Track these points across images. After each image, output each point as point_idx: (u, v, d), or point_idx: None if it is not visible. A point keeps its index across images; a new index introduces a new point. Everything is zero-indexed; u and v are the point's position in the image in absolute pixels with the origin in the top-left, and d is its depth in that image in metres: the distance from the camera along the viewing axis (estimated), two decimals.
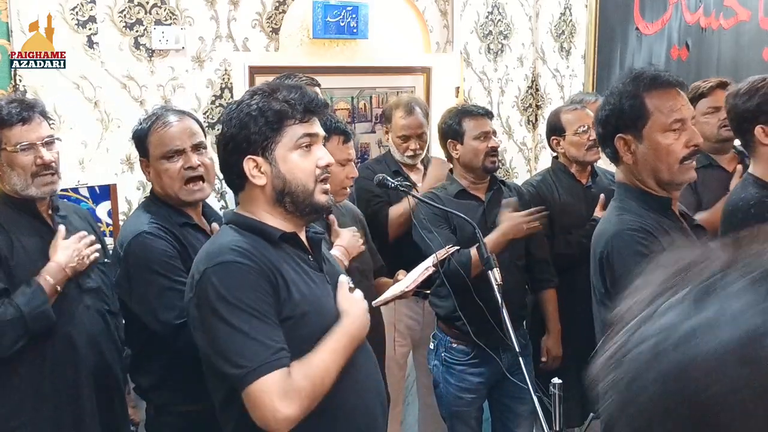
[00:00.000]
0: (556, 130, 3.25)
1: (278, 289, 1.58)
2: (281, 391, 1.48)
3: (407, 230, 3.07)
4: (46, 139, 2.23)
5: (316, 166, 1.67)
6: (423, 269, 2.38)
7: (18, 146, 2.17)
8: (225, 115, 1.73)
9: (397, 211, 3.19)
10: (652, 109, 1.83)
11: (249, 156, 1.64)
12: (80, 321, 2.24)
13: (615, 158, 1.94)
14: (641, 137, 1.85)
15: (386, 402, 1.85)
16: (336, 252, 2.31)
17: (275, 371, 1.49)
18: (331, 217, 2.46)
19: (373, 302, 2.41)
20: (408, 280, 2.40)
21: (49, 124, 2.31)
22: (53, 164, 2.22)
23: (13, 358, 2.12)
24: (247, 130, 1.63)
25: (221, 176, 2.01)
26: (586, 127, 3.15)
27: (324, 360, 1.57)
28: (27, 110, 2.20)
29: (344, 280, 1.77)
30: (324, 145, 2.41)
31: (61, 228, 2.24)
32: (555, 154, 3.34)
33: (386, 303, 2.41)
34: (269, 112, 1.63)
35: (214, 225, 2.24)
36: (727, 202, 2.30)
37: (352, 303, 1.72)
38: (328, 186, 1.71)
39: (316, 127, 1.70)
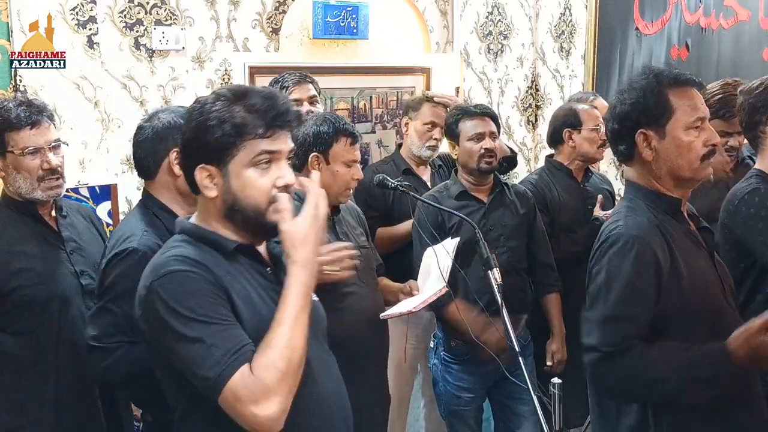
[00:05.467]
0: (571, 123, 3.23)
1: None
2: (250, 395, 1.38)
3: (392, 250, 3.06)
4: (53, 144, 2.23)
5: (274, 185, 1.51)
6: (437, 289, 2.38)
7: (25, 150, 2.17)
8: (186, 113, 1.60)
9: (385, 232, 3.15)
10: (676, 106, 1.84)
11: (202, 165, 1.51)
12: (85, 324, 2.20)
13: (628, 155, 1.92)
14: (664, 133, 1.85)
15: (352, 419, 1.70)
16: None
17: (236, 373, 1.39)
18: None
19: (381, 315, 2.42)
20: (418, 300, 2.40)
21: (56, 127, 2.31)
22: (59, 168, 2.22)
23: (17, 359, 2.11)
24: (203, 138, 1.49)
25: None
26: (600, 126, 3.15)
27: (283, 335, 1.42)
28: (36, 114, 2.19)
29: (286, 198, 1.53)
30: (332, 146, 2.38)
31: None
32: (551, 151, 3.34)
33: (392, 317, 2.42)
34: (227, 124, 1.47)
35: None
36: (730, 191, 2.32)
37: (296, 241, 1.48)
38: (285, 205, 1.52)
39: (280, 143, 1.52)
